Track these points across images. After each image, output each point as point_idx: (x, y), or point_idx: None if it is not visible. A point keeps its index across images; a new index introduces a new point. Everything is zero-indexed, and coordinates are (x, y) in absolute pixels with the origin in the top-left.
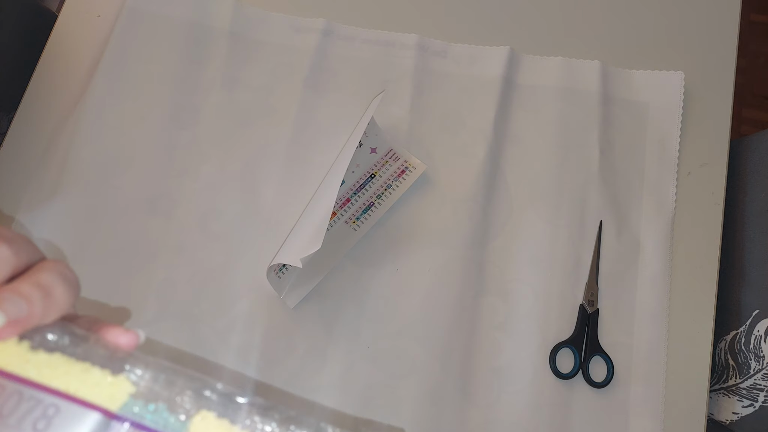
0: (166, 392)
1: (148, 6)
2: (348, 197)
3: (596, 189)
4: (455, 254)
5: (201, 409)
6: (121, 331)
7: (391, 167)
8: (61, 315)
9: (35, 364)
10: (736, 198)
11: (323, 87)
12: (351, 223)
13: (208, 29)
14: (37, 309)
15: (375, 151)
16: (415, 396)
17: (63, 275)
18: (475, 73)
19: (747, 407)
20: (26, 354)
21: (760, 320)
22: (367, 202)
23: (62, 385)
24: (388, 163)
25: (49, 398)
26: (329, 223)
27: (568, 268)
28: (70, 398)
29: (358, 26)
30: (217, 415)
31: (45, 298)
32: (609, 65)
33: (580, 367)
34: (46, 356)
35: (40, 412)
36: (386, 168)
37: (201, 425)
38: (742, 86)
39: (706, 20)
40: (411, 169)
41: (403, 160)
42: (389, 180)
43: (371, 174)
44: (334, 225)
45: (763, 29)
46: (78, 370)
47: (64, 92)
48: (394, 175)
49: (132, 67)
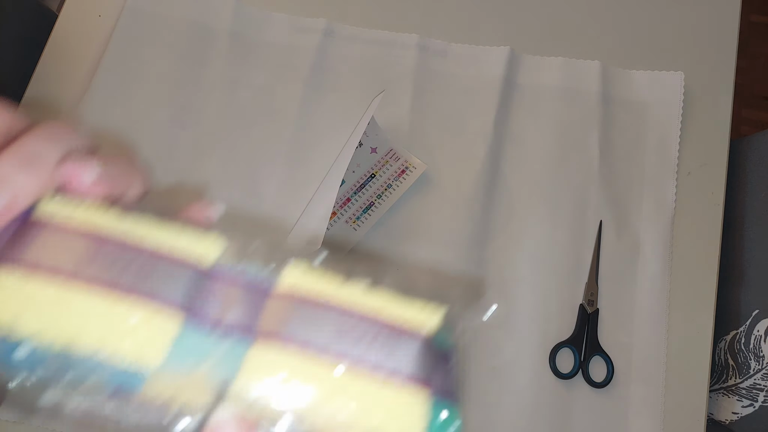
0: (254, 246)
1: (149, 6)
2: (348, 197)
3: (596, 189)
4: (456, 254)
5: (291, 258)
6: (202, 203)
7: (392, 167)
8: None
9: (129, 225)
10: (736, 198)
11: (324, 87)
12: (351, 222)
13: (209, 29)
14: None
15: (375, 150)
16: None
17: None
18: (475, 73)
19: (747, 407)
20: (118, 216)
21: (759, 320)
22: (368, 202)
23: (156, 243)
24: (389, 162)
25: (144, 256)
26: (329, 223)
27: (568, 268)
28: (163, 256)
29: (359, 26)
30: (309, 263)
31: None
32: (609, 65)
33: (580, 367)
34: (138, 216)
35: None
36: (386, 168)
37: (294, 272)
38: (742, 86)
39: (706, 21)
40: (411, 169)
41: (403, 159)
42: (389, 180)
43: (371, 174)
44: (335, 225)
45: (763, 30)
46: (168, 228)
47: (64, 92)
48: (395, 174)
49: (133, 67)
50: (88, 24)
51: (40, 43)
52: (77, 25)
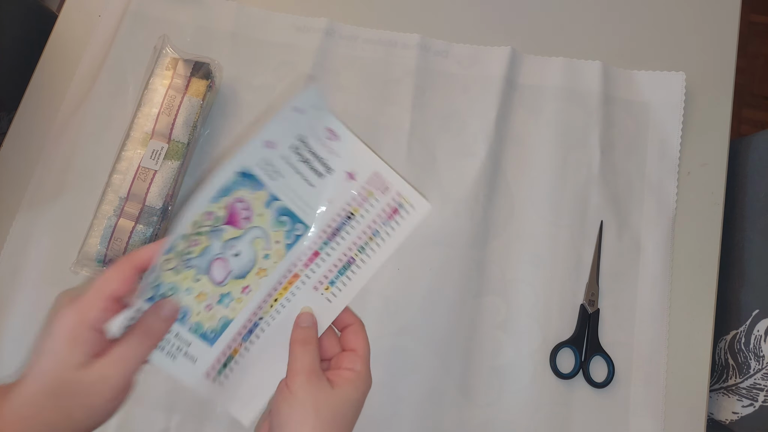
0: None
1: (151, 9)
2: (316, 250)
3: (597, 189)
4: (456, 254)
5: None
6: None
7: (378, 203)
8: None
9: None
10: (736, 198)
11: (325, 87)
12: (323, 290)
13: (211, 31)
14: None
15: (353, 176)
16: (415, 395)
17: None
18: (476, 73)
19: (747, 407)
20: None
21: (760, 320)
22: (345, 259)
23: None
24: (373, 195)
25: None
26: (290, 291)
27: (569, 268)
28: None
29: (361, 26)
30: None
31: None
32: (610, 65)
33: (581, 367)
34: None
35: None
36: (370, 204)
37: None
38: (742, 86)
39: (706, 21)
40: (407, 208)
41: (395, 192)
42: (376, 223)
43: (348, 213)
44: (296, 294)
45: (763, 30)
46: None
47: (64, 92)
48: (383, 215)
49: (136, 70)
50: (88, 24)
51: (40, 43)
52: (77, 25)
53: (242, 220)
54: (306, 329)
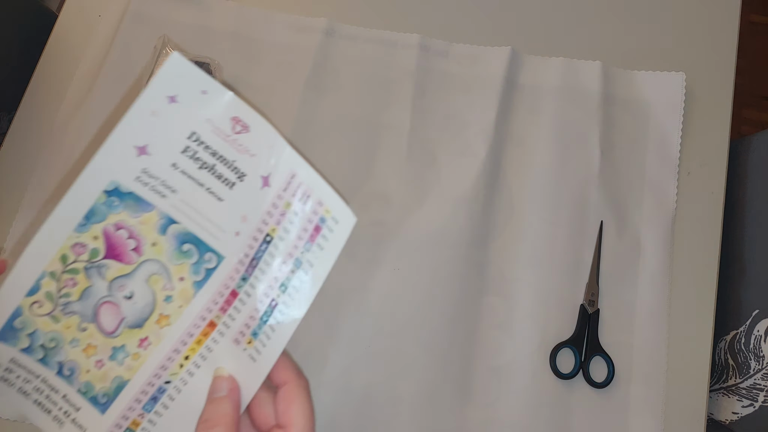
0: None
1: (151, 9)
2: (233, 288)
3: (597, 189)
4: (455, 254)
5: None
6: None
7: (298, 218)
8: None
9: None
10: (736, 198)
11: (325, 87)
12: (245, 344)
13: (211, 31)
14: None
15: (268, 182)
16: (414, 395)
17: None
18: (476, 73)
19: (747, 407)
20: None
21: (760, 320)
22: (267, 300)
23: None
24: (291, 208)
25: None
26: (205, 346)
27: (569, 268)
28: None
29: (360, 26)
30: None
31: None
32: (610, 66)
33: (581, 367)
34: None
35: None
36: (289, 220)
37: None
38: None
39: (706, 21)
40: (331, 224)
41: (316, 201)
42: (297, 249)
43: (266, 236)
44: (213, 350)
45: (763, 30)
46: None
47: (64, 92)
48: (304, 236)
49: (136, 70)
50: (88, 24)
51: (40, 43)
52: (77, 25)
53: (129, 253)
54: (219, 402)
